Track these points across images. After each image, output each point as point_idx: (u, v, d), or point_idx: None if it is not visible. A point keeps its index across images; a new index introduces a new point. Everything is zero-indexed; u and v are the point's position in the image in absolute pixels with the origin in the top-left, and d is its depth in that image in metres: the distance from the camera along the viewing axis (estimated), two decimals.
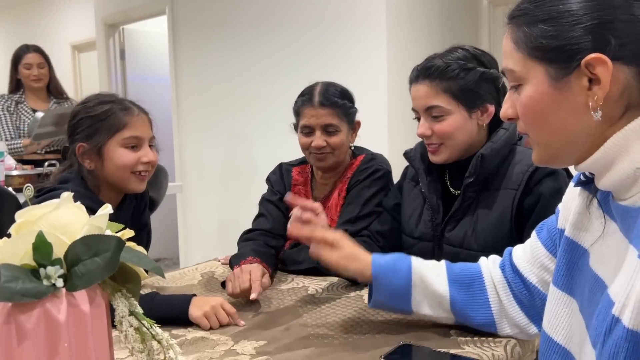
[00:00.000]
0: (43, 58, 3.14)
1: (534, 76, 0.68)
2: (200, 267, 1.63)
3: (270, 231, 1.58)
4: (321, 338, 1.05)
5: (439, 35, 3.29)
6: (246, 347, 1.00)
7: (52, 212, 0.60)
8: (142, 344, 0.63)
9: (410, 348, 0.96)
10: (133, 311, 0.64)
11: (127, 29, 4.65)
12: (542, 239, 0.91)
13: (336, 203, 1.60)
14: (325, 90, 1.56)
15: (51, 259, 0.57)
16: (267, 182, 1.73)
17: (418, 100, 1.28)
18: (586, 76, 0.64)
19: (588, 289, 0.71)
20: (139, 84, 4.73)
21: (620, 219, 0.66)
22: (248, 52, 3.47)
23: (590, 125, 0.65)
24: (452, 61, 1.25)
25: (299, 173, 1.70)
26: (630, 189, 0.64)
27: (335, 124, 1.55)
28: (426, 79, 1.26)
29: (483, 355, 0.95)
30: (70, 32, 5.78)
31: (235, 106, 3.59)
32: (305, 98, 1.57)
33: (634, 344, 0.57)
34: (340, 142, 1.56)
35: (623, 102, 0.64)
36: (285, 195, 1.67)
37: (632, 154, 0.63)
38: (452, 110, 1.24)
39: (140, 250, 0.65)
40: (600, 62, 0.62)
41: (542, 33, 0.66)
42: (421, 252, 1.35)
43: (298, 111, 1.59)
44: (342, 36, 3.04)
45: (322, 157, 1.57)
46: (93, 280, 0.57)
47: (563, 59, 0.65)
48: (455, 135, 1.25)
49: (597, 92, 0.63)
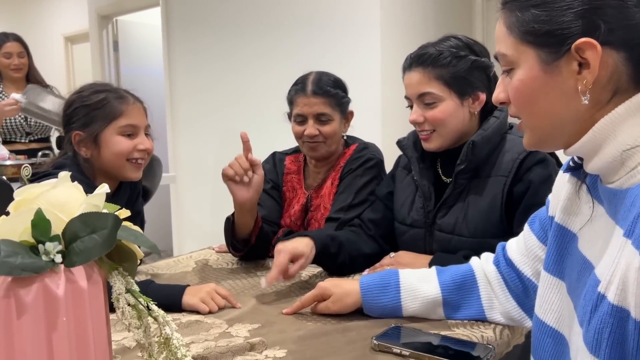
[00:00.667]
0: (23, 47, 3.10)
1: (525, 60, 0.69)
2: (195, 255, 1.64)
3: (265, 218, 1.59)
4: (314, 321, 1.06)
5: (432, 27, 3.30)
6: (240, 330, 1.02)
7: (50, 191, 0.61)
8: (138, 320, 0.65)
9: (401, 329, 0.98)
10: (129, 289, 0.65)
11: (120, 21, 4.63)
12: (534, 230, 0.93)
13: (329, 192, 1.62)
14: (319, 80, 1.58)
15: (49, 236, 0.58)
16: None
17: (411, 87, 1.30)
18: (576, 60, 0.65)
19: (577, 271, 0.72)
20: (132, 76, 4.71)
21: (607, 202, 0.68)
22: (242, 44, 3.47)
23: (580, 109, 0.67)
24: (444, 49, 1.27)
25: (292, 162, 1.72)
26: (617, 171, 0.65)
27: (328, 113, 1.56)
28: (419, 66, 1.28)
29: (472, 336, 0.97)
30: (63, 23, 5.75)
31: (229, 98, 3.59)
32: (299, 87, 1.59)
33: (618, 319, 0.58)
34: (332, 131, 1.58)
35: (611, 87, 0.65)
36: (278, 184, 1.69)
37: (619, 137, 0.64)
38: (444, 97, 1.27)
39: (137, 229, 0.66)
40: (589, 46, 0.63)
41: (534, 17, 0.67)
42: (413, 239, 1.37)
43: (291, 100, 1.61)
44: (337, 28, 3.05)
45: (315, 147, 1.59)
46: (91, 256, 0.58)
47: (554, 43, 0.66)
48: (447, 121, 1.27)
49: (587, 76, 0.65)
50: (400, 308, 1.05)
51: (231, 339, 0.97)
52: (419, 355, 0.88)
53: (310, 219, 1.63)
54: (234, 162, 1.40)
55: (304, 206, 1.65)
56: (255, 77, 3.42)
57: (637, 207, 0.58)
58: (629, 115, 0.64)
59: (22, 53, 3.09)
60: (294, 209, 1.66)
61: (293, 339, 0.97)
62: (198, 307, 1.12)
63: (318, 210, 1.62)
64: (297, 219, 1.65)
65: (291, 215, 1.65)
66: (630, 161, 0.64)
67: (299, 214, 1.65)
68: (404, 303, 1.05)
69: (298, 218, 1.65)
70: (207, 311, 1.11)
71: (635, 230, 0.57)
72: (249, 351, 0.92)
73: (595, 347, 0.61)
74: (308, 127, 1.57)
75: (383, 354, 0.90)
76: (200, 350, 0.91)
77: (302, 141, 1.61)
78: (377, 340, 0.92)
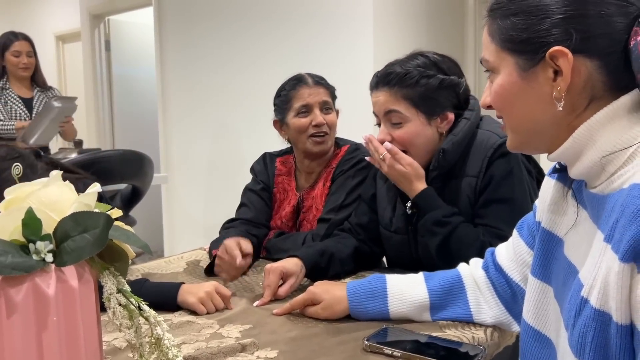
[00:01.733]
0: (31, 46, 3.12)
1: (505, 66, 0.72)
2: (186, 255, 1.63)
3: (253, 220, 1.59)
4: (305, 322, 1.06)
5: (425, 29, 3.32)
6: (232, 331, 1.02)
7: (42, 190, 0.60)
8: (130, 320, 0.65)
9: (392, 330, 0.98)
10: (121, 289, 0.65)
11: (112, 20, 4.61)
12: (523, 236, 0.94)
13: (321, 193, 1.62)
14: (313, 75, 1.62)
15: (40, 235, 0.58)
16: (251, 172, 1.74)
17: (378, 105, 1.30)
18: (551, 68, 0.67)
19: (562, 275, 0.73)
20: (124, 75, 4.70)
21: (590, 207, 0.69)
22: (235, 44, 3.47)
23: (557, 115, 0.69)
24: (411, 68, 1.26)
25: (282, 163, 1.71)
26: (599, 176, 0.67)
27: (331, 102, 1.61)
28: (385, 85, 1.27)
29: (463, 337, 0.97)
30: (54, 22, 5.71)
31: (221, 98, 3.58)
32: (295, 82, 1.60)
33: (600, 323, 0.59)
34: (335, 120, 1.61)
35: (587, 94, 0.67)
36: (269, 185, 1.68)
37: (598, 143, 0.66)
38: (411, 117, 1.26)
39: (129, 229, 0.66)
40: (561, 54, 0.66)
41: (512, 26, 0.70)
42: (399, 245, 1.38)
43: (289, 96, 1.59)
44: (330, 29, 3.05)
45: (322, 140, 1.58)
46: (82, 255, 0.58)
47: (530, 51, 0.69)
48: (414, 142, 1.27)
49: (560, 83, 0.67)
50: (388, 313, 1.05)
51: (222, 340, 0.97)
52: (410, 356, 0.88)
53: (302, 220, 1.63)
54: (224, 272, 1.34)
55: (295, 207, 1.64)
56: (248, 77, 3.41)
57: (617, 213, 0.59)
58: (607, 121, 0.66)
59: (30, 52, 3.10)
60: (285, 210, 1.65)
61: (284, 339, 0.97)
62: (196, 308, 1.11)
63: (310, 212, 1.62)
64: (288, 220, 1.65)
65: (282, 217, 1.65)
66: (610, 166, 0.65)
67: (290, 216, 1.64)
68: (391, 308, 1.05)
69: (289, 219, 1.64)
70: (204, 312, 1.11)
71: (615, 235, 0.58)
72: (240, 352, 0.91)
73: (579, 350, 0.62)
74: (316, 116, 1.56)
75: (374, 355, 0.90)
76: (192, 351, 0.91)
77: (306, 135, 1.58)
78: (368, 341, 0.92)
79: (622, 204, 0.59)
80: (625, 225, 0.56)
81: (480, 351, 0.91)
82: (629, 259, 0.55)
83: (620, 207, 0.59)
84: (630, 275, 0.56)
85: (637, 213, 0.56)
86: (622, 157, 0.64)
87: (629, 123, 0.65)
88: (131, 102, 4.70)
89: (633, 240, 0.55)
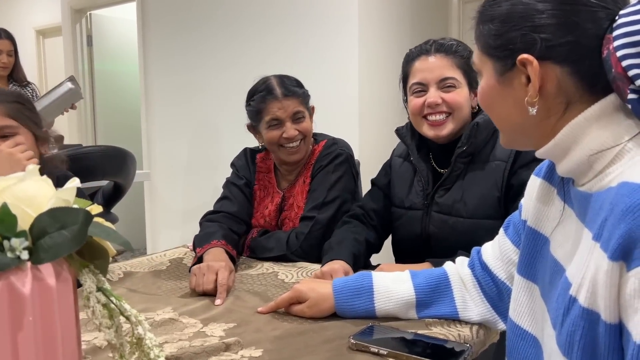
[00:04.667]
0: (13, 45, 3.04)
1: (486, 69, 0.74)
2: (169, 253, 1.61)
3: (235, 215, 1.57)
4: (290, 320, 1.05)
5: (409, 30, 3.32)
6: (215, 330, 1.00)
7: (17, 184, 0.58)
8: (110, 320, 0.63)
9: (379, 328, 0.97)
10: (101, 287, 0.63)
11: (94, 15, 4.54)
12: (509, 235, 0.94)
13: (301, 190, 1.61)
14: (283, 82, 1.56)
15: (16, 231, 0.56)
16: (232, 167, 1.71)
17: (431, 71, 1.33)
18: (524, 74, 0.69)
19: (549, 274, 0.73)
20: (106, 71, 4.63)
21: (577, 205, 0.69)
22: (219, 42, 3.44)
23: (535, 118, 0.70)
24: (459, 44, 1.37)
25: (262, 160, 1.70)
26: (586, 173, 0.67)
27: (302, 110, 1.56)
28: (441, 52, 1.34)
29: (449, 335, 0.96)
30: (35, 16, 5.60)
31: (205, 96, 3.55)
32: (264, 93, 1.55)
33: (589, 322, 0.59)
34: (309, 127, 1.59)
35: (561, 99, 0.68)
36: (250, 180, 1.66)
37: (585, 142, 0.66)
38: (462, 84, 1.34)
39: (109, 225, 0.64)
40: (527, 61, 0.67)
41: (489, 32, 0.72)
42: (410, 220, 1.41)
43: (258, 108, 1.56)
44: (314, 27, 3.04)
45: (295, 150, 1.56)
46: (60, 253, 0.56)
47: (503, 57, 0.70)
48: (463, 106, 1.33)
49: (530, 88, 0.68)
50: (374, 310, 1.05)
51: (206, 339, 0.95)
52: (396, 354, 0.87)
53: (284, 218, 1.62)
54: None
55: (278, 206, 1.63)
56: (231, 74, 3.39)
57: (605, 211, 0.59)
58: (593, 121, 0.66)
59: (11, 52, 3.02)
60: (267, 209, 1.64)
61: (269, 338, 0.96)
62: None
63: (292, 209, 1.61)
64: (271, 219, 1.63)
65: (266, 216, 1.63)
66: (597, 164, 0.65)
67: (273, 214, 1.63)
68: (377, 305, 1.04)
69: (273, 218, 1.63)
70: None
71: (603, 234, 0.58)
72: (224, 351, 0.90)
73: (567, 349, 0.62)
74: (287, 129, 1.54)
75: (361, 353, 0.89)
76: (174, 350, 0.89)
77: (278, 146, 1.57)
78: (354, 339, 0.91)
79: (611, 202, 0.58)
80: (615, 224, 0.56)
81: (466, 348, 0.90)
82: (618, 257, 0.55)
83: (609, 206, 0.58)
84: (619, 273, 0.55)
85: (626, 211, 0.55)
86: (609, 155, 0.64)
87: (615, 122, 0.65)
88: (113, 99, 4.64)
89: (622, 238, 0.55)
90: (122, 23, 4.68)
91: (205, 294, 1.20)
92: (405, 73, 1.40)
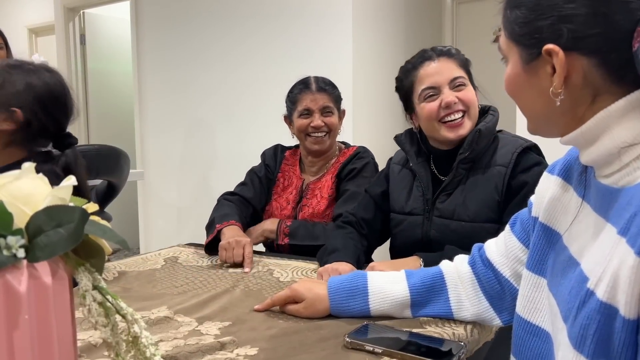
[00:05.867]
0: (3, 41, 3.01)
1: (512, 56, 0.73)
2: (163, 252, 1.61)
3: (249, 201, 1.76)
4: (285, 319, 1.05)
5: (403, 31, 3.33)
6: (211, 328, 1.00)
7: (13, 182, 0.58)
8: (106, 318, 0.62)
9: (374, 327, 0.98)
10: (97, 285, 0.63)
11: (87, 13, 4.52)
12: (515, 232, 0.93)
13: (328, 185, 1.74)
14: (320, 80, 1.78)
15: (11, 229, 0.55)
16: (262, 156, 1.90)
17: (441, 74, 1.35)
18: (550, 64, 0.67)
19: (560, 268, 0.73)
20: (100, 71, 4.61)
21: (598, 198, 0.68)
22: (212, 39, 3.43)
23: (561, 108, 0.68)
24: (454, 48, 1.41)
25: (291, 154, 1.88)
26: (611, 164, 0.66)
27: (331, 106, 1.75)
28: (444, 56, 1.38)
29: (444, 333, 0.97)
30: (27, 14, 5.57)
31: (198, 95, 3.54)
32: (302, 87, 1.76)
33: (605, 316, 0.59)
34: (335, 122, 1.76)
35: (589, 90, 0.67)
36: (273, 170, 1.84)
37: (615, 132, 0.65)
38: (469, 83, 1.37)
39: (105, 224, 0.64)
40: (553, 52, 0.66)
41: (516, 18, 0.70)
42: (411, 226, 1.42)
43: (295, 99, 1.76)
44: (308, 26, 3.04)
45: (320, 140, 1.74)
46: (56, 251, 0.56)
47: (529, 45, 0.69)
48: (475, 104, 1.36)
49: (555, 79, 0.67)
50: (369, 311, 1.05)
51: (201, 337, 0.95)
52: (391, 353, 0.87)
53: (304, 205, 1.73)
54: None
55: (299, 191, 1.77)
56: (226, 73, 3.38)
57: (634, 207, 0.58)
58: (626, 112, 0.65)
59: (1, 44, 2.98)
60: (292, 194, 1.77)
61: (265, 337, 0.96)
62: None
63: (314, 198, 1.73)
64: (292, 202, 1.76)
65: (290, 200, 1.76)
66: (626, 156, 0.64)
67: (295, 198, 1.77)
68: (372, 306, 1.04)
69: (293, 201, 1.75)
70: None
71: (631, 229, 0.57)
72: (219, 350, 0.90)
73: (579, 342, 0.61)
74: (314, 119, 1.73)
75: (355, 352, 0.89)
76: (169, 349, 0.89)
77: (305, 134, 1.75)
78: (349, 337, 0.91)
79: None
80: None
81: (461, 347, 0.90)
82: None
83: (639, 201, 0.58)
84: None
85: None
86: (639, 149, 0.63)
87: None
88: (106, 98, 4.62)
89: None
90: (116, 22, 4.66)
91: (203, 293, 1.20)
92: (410, 83, 1.39)
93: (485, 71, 1.64)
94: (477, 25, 3.85)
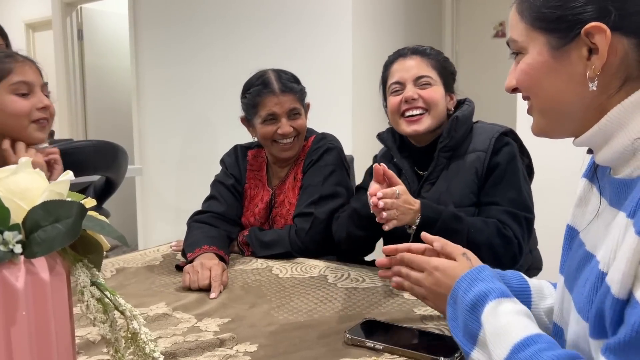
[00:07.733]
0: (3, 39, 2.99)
1: (535, 45, 0.70)
2: (162, 248, 1.60)
3: (224, 215, 1.55)
4: (286, 315, 1.05)
5: (402, 27, 3.31)
6: (210, 325, 0.99)
7: (10, 177, 0.57)
8: (104, 314, 0.62)
9: (374, 323, 0.97)
10: (95, 281, 0.62)
11: (85, 8, 4.50)
12: None
13: (292, 186, 1.59)
14: (280, 77, 1.55)
15: (8, 225, 0.55)
16: (221, 164, 1.69)
17: (408, 71, 1.39)
18: (586, 45, 0.65)
19: (576, 262, 0.72)
20: (97, 66, 4.59)
21: (614, 193, 0.67)
22: (211, 36, 3.41)
23: (587, 96, 0.67)
24: (433, 48, 1.44)
25: (254, 157, 1.67)
26: (628, 161, 0.65)
27: (298, 107, 1.55)
28: (417, 54, 1.41)
29: (444, 329, 0.96)
30: (24, 9, 5.54)
31: (197, 91, 3.53)
32: (262, 87, 1.53)
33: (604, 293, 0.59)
34: (304, 124, 1.57)
35: (621, 74, 0.65)
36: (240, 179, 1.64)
37: (630, 126, 0.64)
38: (438, 83, 1.39)
39: (103, 219, 0.63)
40: (599, 30, 0.64)
41: (544, 3, 0.68)
42: None
43: (255, 102, 1.54)
44: (309, 24, 3.03)
45: (289, 146, 1.55)
46: (53, 246, 0.55)
47: (564, 28, 0.67)
48: (438, 103, 1.38)
49: (595, 61, 0.65)
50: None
51: (200, 334, 0.94)
52: (392, 349, 0.87)
53: (275, 215, 1.59)
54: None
55: (268, 204, 1.60)
56: (224, 69, 3.37)
57: None
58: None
59: (2, 46, 2.96)
60: (257, 207, 1.61)
61: (264, 333, 0.95)
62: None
63: (283, 206, 1.58)
64: (261, 217, 1.60)
65: (256, 214, 1.60)
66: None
67: (263, 212, 1.60)
68: None
69: (262, 216, 1.60)
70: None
71: (637, 212, 0.57)
72: (219, 347, 0.89)
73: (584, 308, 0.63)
74: (282, 126, 1.52)
75: (356, 348, 0.88)
76: (168, 346, 0.88)
77: (271, 142, 1.55)
78: (350, 334, 0.91)
79: None
80: None
81: None
82: None
83: None
84: None
85: None
86: None
87: None
88: (104, 93, 4.60)
89: None
90: (113, 17, 4.64)
91: (201, 290, 1.20)
92: (384, 77, 1.46)
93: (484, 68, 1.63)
94: (476, 23, 3.84)
